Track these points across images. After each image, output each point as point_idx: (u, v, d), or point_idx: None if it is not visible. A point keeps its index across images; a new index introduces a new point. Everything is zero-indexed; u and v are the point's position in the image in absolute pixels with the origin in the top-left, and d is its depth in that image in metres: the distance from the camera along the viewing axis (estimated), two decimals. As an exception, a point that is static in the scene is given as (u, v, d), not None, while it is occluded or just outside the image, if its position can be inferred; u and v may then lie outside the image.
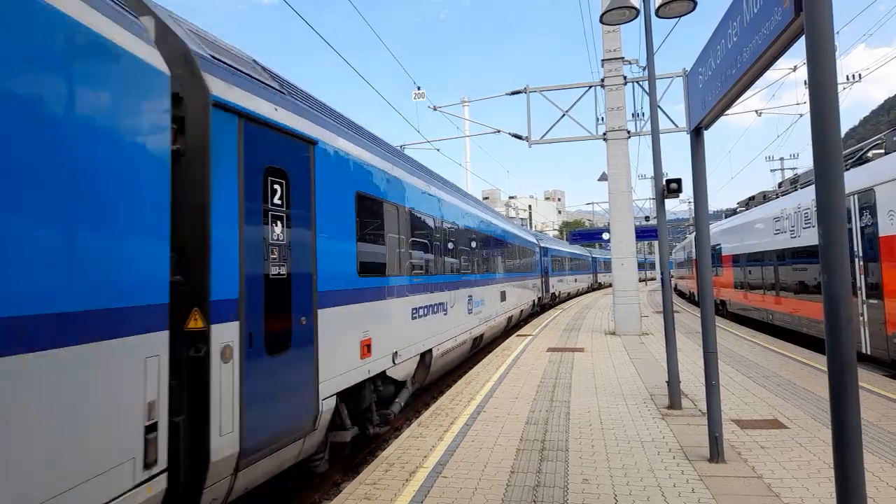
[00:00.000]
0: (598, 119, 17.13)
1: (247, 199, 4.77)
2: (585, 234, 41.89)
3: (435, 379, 11.13)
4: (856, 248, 10.59)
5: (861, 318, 10.50)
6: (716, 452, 5.55)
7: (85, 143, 3.35)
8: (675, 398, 7.64)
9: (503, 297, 17.35)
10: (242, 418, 4.54)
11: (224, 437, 4.36)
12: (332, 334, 6.03)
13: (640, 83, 17.01)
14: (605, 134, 16.64)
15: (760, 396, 8.16)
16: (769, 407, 7.56)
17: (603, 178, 22.70)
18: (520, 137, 17.98)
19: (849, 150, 12.31)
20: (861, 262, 10.48)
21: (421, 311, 9.23)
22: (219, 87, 4.64)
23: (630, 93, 30.07)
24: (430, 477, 5.36)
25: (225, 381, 4.40)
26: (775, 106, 26.06)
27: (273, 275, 5.05)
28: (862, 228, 10.44)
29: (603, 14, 9.02)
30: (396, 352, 7.99)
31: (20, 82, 2.95)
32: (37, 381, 2.93)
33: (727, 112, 5.30)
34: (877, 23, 19.78)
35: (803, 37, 2.82)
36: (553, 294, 32.46)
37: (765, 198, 19.22)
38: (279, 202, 5.20)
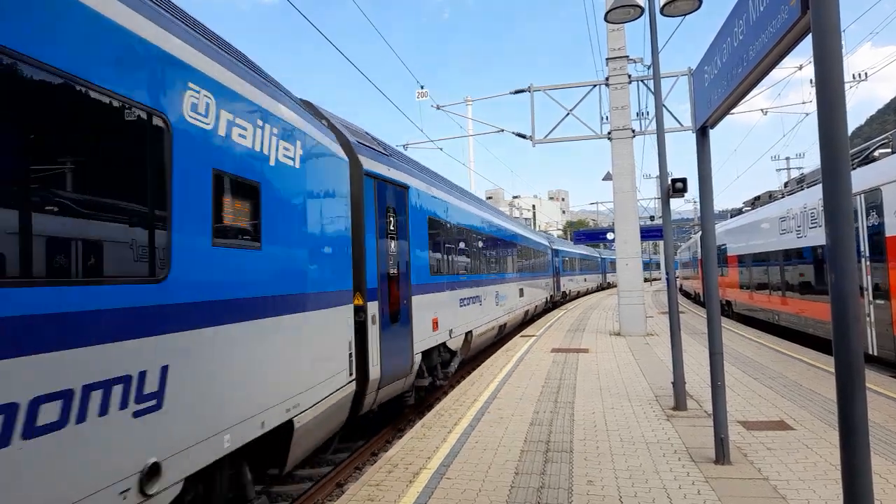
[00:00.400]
0: (602, 118, 17.06)
1: (378, 227, 7.89)
2: (589, 234, 41.67)
3: (473, 355, 14.00)
4: (862, 249, 10.52)
5: (868, 319, 10.43)
6: (721, 454, 5.50)
7: (342, 209, 6.87)
8: (680, 399, 7.60)
9: (521, 293, 20.44)
10: (381, 358, 7.64)
11: (374, 368, 7.43)
12: (418, 313, 9.16)
13: (645, 82, 16.95)
14: (609, 133, 16.58)
15: (766, 398, 8.11)
16: (775, 408, 7.52)
17: (607, 177, 22.62)
18: (523, 137, 17.94)
19: (855, 149, 12.23)
20: (868, 263, 10.41)
21: (465, 302, 12.48)
22: (365, 162, 7.78)
23: (635, 92, 30.01)
24: (433, 478, 5.34)
25: (373, 336, 7.47)
26: (781, 105, 25.96)
27: (390, 273, 8.22)
28: (868, 228, 10.37)
29: (607, 12, 8.98)
30: (452, 329, 11.16)
31: (326, 183, 6.41)
32: (332, 321, 6.31)
33: (733, 111, 5.27)
34: (883, 21, 19.62)
35: (810, 35, 2.79)
36: (564, 292, 34.32)
37: (771, 197, 19.12)
38: (392, 228, 8.41)
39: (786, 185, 19.26)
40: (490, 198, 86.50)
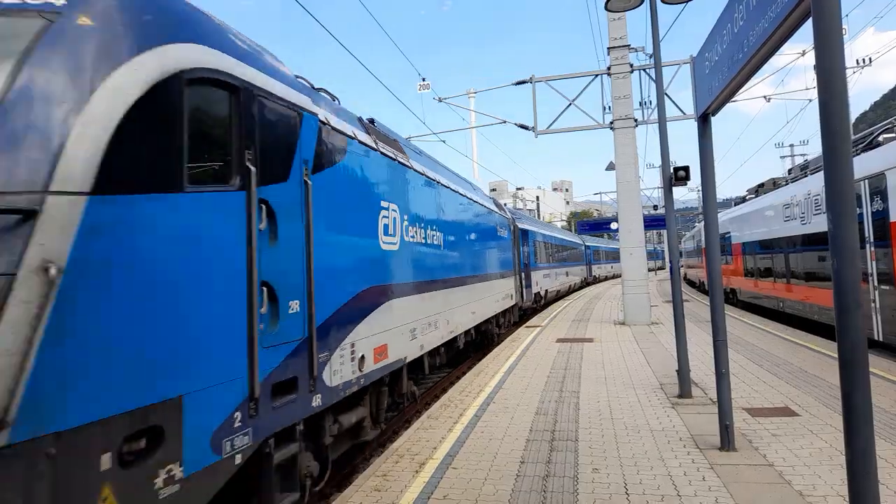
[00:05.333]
0: (604, 108, 16.99)
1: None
2: (593, 224, 41.60)
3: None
4: (867, 234, 10.47)
5: (873, 305, 10.40)
6: (726, 441, 5.52)
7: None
8: (685, 387, 7.62)
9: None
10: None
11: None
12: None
13: (647, 71, 16.85)
14: (612, 123, 16.52)
15: (771, 384, 8.12)
16: (780, 395, 7.53)
17: (610, 167, 22.55)
18: (526, 128, 17.90)
19: (859, 134, 12.15)
20: (872, 248, 10.37)
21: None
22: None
23: (637, 81, 29.80)
24: (439, 468, 5.38)
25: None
26: (784, 92, 25.78)
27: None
28: (873, 214, 10.33)
29: (608, 1, 8.93)
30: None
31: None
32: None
33: (735, 98, 5.25)
34: (886, 6, 19.42)
35: (811, 19, 2.78)
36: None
37: (774, 185, 19.03)
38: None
39: (790, 171, 19.16)
40: (494, 189, 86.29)
